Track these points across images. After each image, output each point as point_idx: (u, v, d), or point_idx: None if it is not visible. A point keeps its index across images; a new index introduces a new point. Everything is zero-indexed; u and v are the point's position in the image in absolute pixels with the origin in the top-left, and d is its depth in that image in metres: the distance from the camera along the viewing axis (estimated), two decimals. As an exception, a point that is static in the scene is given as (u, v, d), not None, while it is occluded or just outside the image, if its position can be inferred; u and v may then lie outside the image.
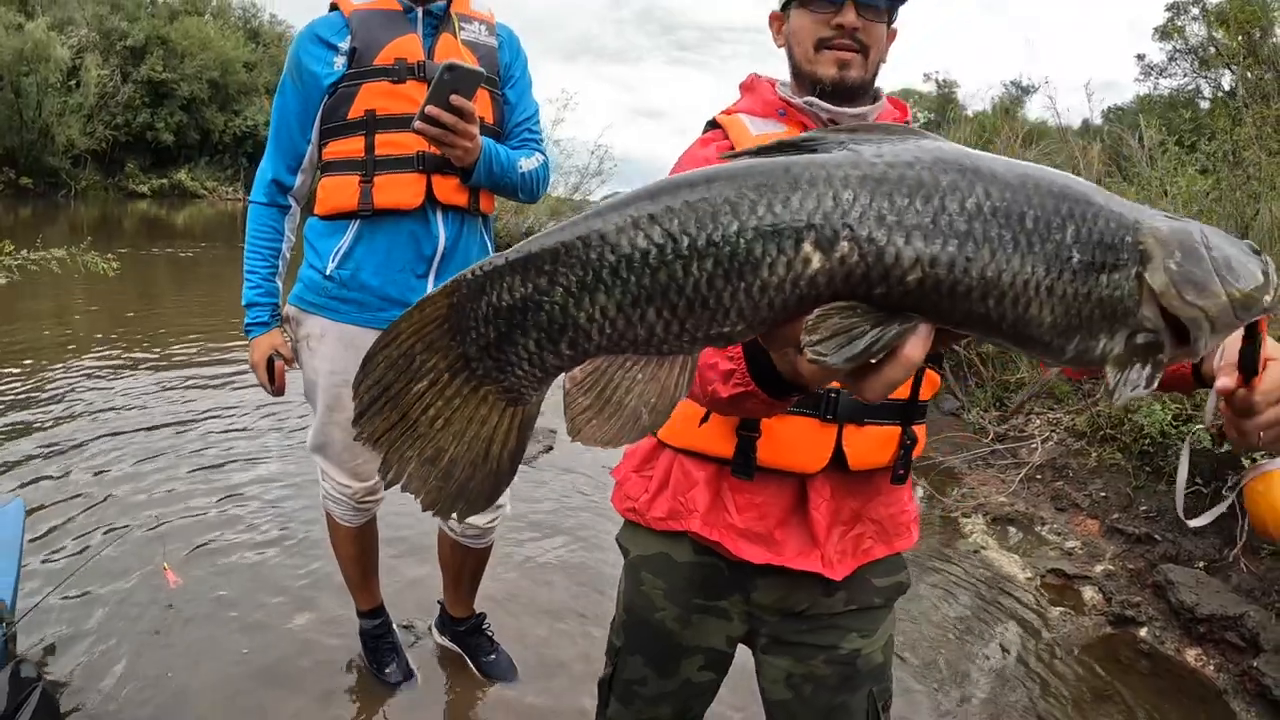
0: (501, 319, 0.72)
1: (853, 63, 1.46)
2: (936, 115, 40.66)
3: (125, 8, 30.81)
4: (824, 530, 1.48)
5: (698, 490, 1.53)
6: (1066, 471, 5.53)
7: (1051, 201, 0.70)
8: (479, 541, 2.67)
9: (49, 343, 7.02)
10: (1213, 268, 0.74)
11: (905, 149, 0.70)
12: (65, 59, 24.16)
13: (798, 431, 1.43)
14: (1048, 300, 0.70)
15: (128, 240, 17.57)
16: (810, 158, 0.70)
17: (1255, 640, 3.56)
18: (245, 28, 36.59)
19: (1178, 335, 0.74)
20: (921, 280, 0.68)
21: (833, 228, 0.67)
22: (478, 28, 2.38)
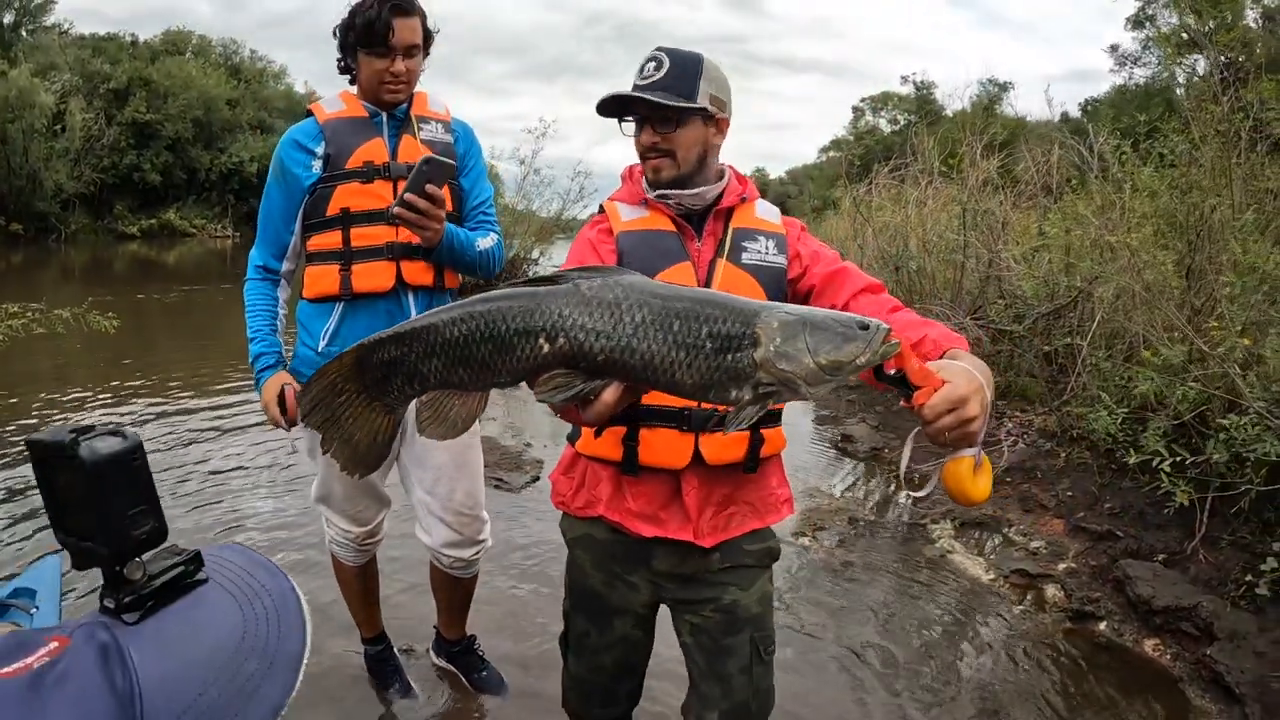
0: (383, 367, 1.24)
1: (662, 167, 1.91)
2: (915, 116, 41.03)
3: (107, 50, 31.04)
4: (695, 510, 1.93)
5: (603, 485, 2.01)
6: (1035, 473, 5.68)
7: (693, 311, 1.20)
8: (465, 572, 2.93)
9: (48, 395, 7.14)
10: (805, 346, 1.20)
11: (607, 283, 1.22)
12: (50, 104, 24.34)
13: (664, 439, 1.89)
14: (688, 371, 1.20)
15: (120, 284, 17.71)
16: (550, 289, 1.21)
17: (1209, 629, 3.70)
18: (226, 64, 36.74)
19: (790, 388, 1.22)
20: (605, 359, 1.20)
21: (555, 330, 1.19)
22: (435, 126, 2.66)
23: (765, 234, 1.96)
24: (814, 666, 3.62)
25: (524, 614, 3.82)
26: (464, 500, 2.78)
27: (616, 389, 1.24)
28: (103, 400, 7.17)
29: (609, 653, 2.13)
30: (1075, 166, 7.48)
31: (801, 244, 1.98)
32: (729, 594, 2.00)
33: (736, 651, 2.00)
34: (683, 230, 1.95)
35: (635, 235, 1.94)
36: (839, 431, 7.42)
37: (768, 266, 1.92)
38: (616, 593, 2.07)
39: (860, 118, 48.90)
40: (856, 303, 1.82)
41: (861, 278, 1.89)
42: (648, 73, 1.87)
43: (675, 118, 1.86)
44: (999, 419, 6.75)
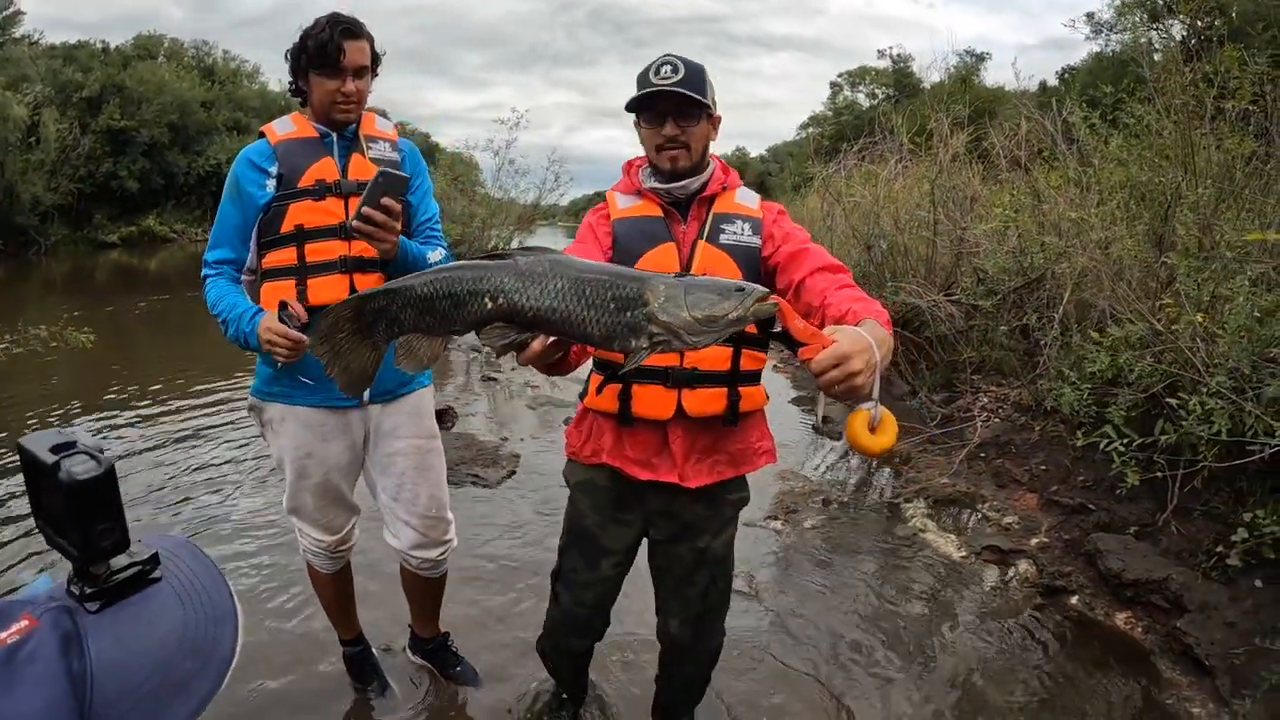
0: (373, 314, 1.62)
1: (680, 157, 2.20)
2: (894, 91, 41.00)
3: (78, 58, 30.73)
4: (681, 457, 2.28)
5: (606, 436, 2.35)
6: (1010, 448, 5.70)
7: (600, 280, 1.52)
8: (433, 572, 3.04)
9: (38, 408, 7.09)
10: (683, 303, 1.50)
11: (539, 259, 1.56)
12: (23, 117, 24.04)
13: (652, 394, 2.22)
14: (595, 325, 1.52)
15: (102, 294, 17.66)
16: (499, 262, 1.56)
17: (1179, 601, 3.73)
18: (199, 67, 36.48)
19: (676, 337, 1.52)
20: (533, 316, 1.53)
21: (497, 292, 1.53)
22: (382, 146, 2.75)
23: (743, 218, 2.26)
24: (787, 650, 3.64)
25: (496, 606, 3.87)
26: (427, 504, 2.87)
27: (543, 340, 1.59)
28: (89, 407, 7.06)
29: (592, 589, 2.53)
30: (1046, 138, 7.44)
31: (776, 226, 2.25)
32: (702, 539, 2.42)
33: (697, 583, 2.48)
34: (670, 215, 2.27)
35: (628, 221, 2.28)
36: (816, 412, 7.43)
37: (743, 246, 2.21)
38: (608, 534, 2.46)
39: (838, 93, 48.73)
40: (812, 279, 2.06)
41: (821, 258, 2.11)
42: (665, 74, 2.15)
43: (697, 113, 2.17)
44: (974, 394, 6.78)
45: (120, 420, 6.87)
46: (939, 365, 7.44)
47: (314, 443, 2.72)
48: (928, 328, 7.38)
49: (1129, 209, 5.72)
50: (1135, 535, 4.26)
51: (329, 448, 2.74)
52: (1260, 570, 3.66)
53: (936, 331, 7.27)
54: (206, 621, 0.98)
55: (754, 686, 3.39)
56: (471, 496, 5.23)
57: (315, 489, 2.80)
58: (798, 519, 5.02)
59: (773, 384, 8.69)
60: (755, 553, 4.57)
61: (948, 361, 7.35)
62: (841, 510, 5.21)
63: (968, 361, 7.05)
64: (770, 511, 5.11)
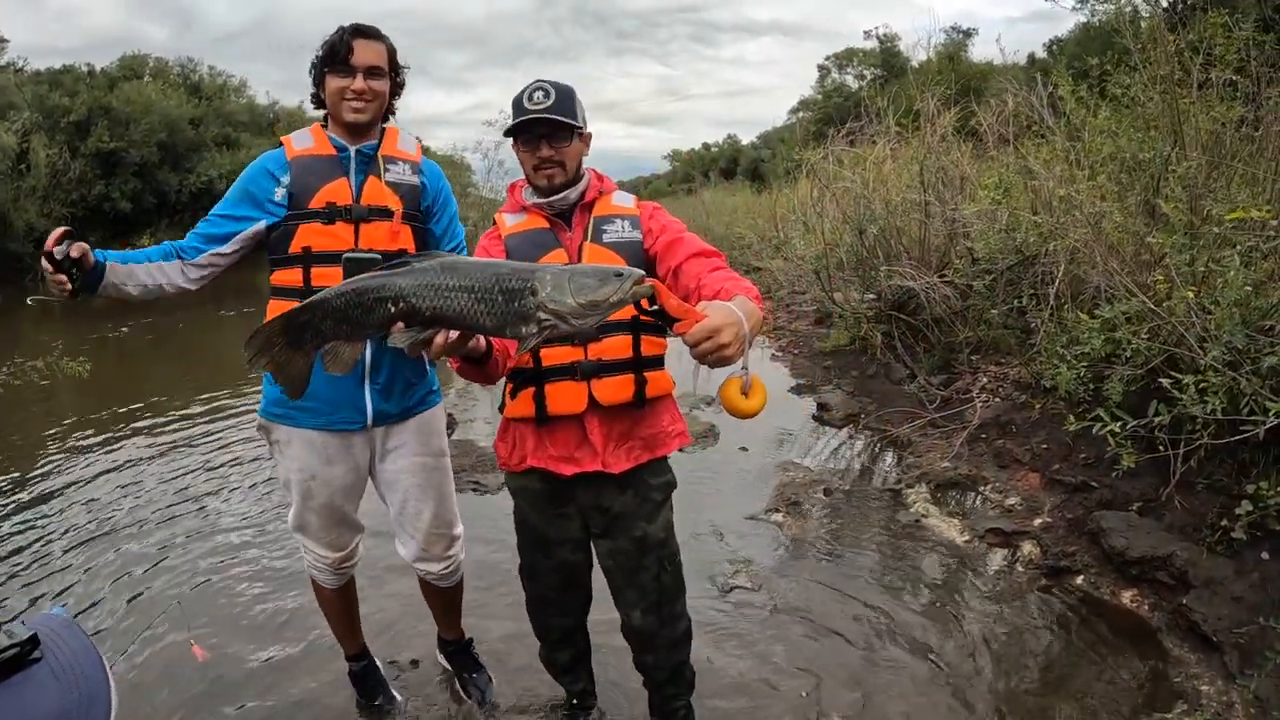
0: (298, 327, 1.82)
1: (555, 175, 2.40)
2: (883, 71, 40.82)
3: (64, 83, 30.62)
4: (601, 445, 2.42)
5: (528, 440, 2.49)
6: (1010, 427, 5.68)
7: (488, 275, 1.72)
8: (444, 582, 3.10)
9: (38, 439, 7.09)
10: (569, 290, 1.68)
11: (431, 264, 1.75)
12: (12, 145, 24.03)
13: (563, 389, 2.37)
14: (487, 316, 1.72)
15: (100, 317, 17.65)
16: (398, 270, 1.75)
17: (1184, 577, 3.70)
18: (185, 84, 36.33)
19: (564, 322, 1.70)
20: (431, 314, 1.73)
21: (398, 296, 1.73)
22: (402, 167, 2.76)
23: (621, 217, 2.45)
24: (793, 643, 3.64)
25: (499, 613, 3.84)
26: (431, 522, 2.92)
27: (445, 334, 1.79)
28: (94, 426, 7.05)
29: (554, 574, 2.69)
30: (1034, 113, 7.39)
31: (653, 221, 2.46)
32: (639, 528, 2.53)
33: (648, 569, 2.58)
34: (555, 226, 2.46)
35: (517, 236, 2.46)
36: (815, 400, 7.42)
37: (625, 241, 2.41)
38: (553, 527, 2.60)
39: (826, 76, 48.49)
40: (688, 264, 2.27)
41: (695, 245, 2.34)
42: (538, 100, 2.33)
43: (568, 135, 2.38)
44: (973, 374, 6.75)
45: (124, 435, 6.91)
46: (936, 347, 7.41)
47: (318, 465, 2.75)
48: (923, 310, 7.35)
49: (1119, 181, 5.68)
50: (1139, 511, 4.23)
51: (332, 470, 2.77)
52: (1267, 543, 3.63)
53: (932, 313, 7.24)
54: (84, 700, 1.01)
55: (760, 680, 3.38)
56: (472, 502, 5.23)
57: (319, 509, 2.83)
58: (800, 510, 5.00)
59: (773, 375, 8.67)
60: (758, 546, 4.56)
61: (945, 343, 7.32)
62: (843, 499, 5.19)
63: (965, 342, 7.02)
64: (771, 504, 5.09)
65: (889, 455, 5.99)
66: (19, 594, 4.23)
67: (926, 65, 24.48)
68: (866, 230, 8.27)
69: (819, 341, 9.51)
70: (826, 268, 9.07)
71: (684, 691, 2.82)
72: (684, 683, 2.81)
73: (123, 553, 4.69)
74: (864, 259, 8.43)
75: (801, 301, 11.46)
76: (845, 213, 8.79)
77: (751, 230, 14.84)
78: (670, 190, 49.35)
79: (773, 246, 12.69)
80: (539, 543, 2.66)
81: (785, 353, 9.74)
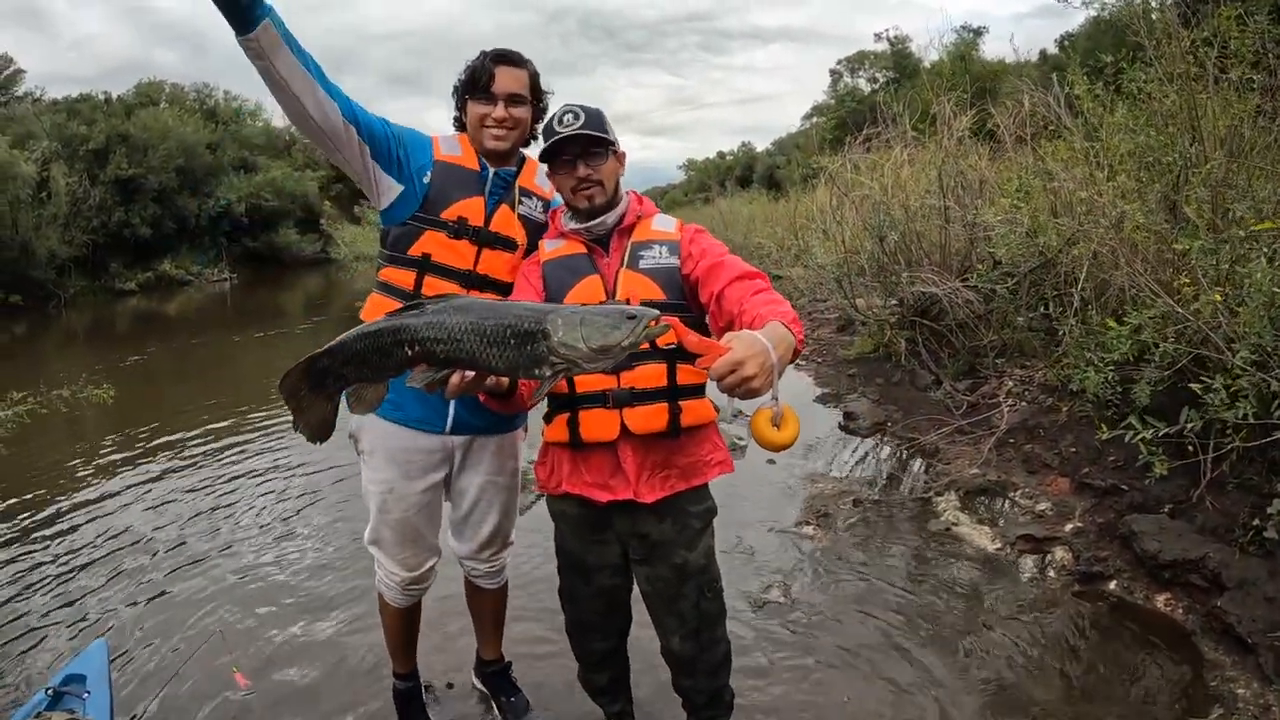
0: (320, 373, 1.88)
1: (595, 195, 2.39)
2: (895, 73, 40.76)
3: (82, 112, 30.97)
4: (634, 474, 2.39)
5: (564, 466, 2.49)
6: (1038, 431, 5.66)
7: (499, 318, 1.76)
8: (488, 582, 3.17)
9: (68, 468, 7.16)
10: (580, 335, 1.70)
11: (444, 306, 1.81)
12: (32, 173, 24.24)
13: (596, 416, 2.37)
14: (499, 359, 1.76)
15: (124, 343, 17.81)
16: (413, 314, 1.82)
17: (1218, 579, 3.68)
18: (201, 109, 36.74)
19: (576, 365, 1.74)
20: (444, 356, 1.79)
21: (412, 340, 1.79)
22: (534, 204, 2.76)
23: (659, 242, 2.42)
24: (825, 655, 3.65)
25: (540, 635, 3.86)
26: (490, 534, 3.01)
27: (461, 375, 1.86)
28: (123, 449, 7.15)
29: (595, 600, 2.66)
30: (1050, 113, 7.36)
31: (693, 245, 2.41)
32: (678, 555, 2.49)
33: (687, 596, 2.54)
34: (593, 251, 2.45)
35: (554, 262, 2.47)
36: (841, 409, 7.41)
37: (661, 268, 2.38)
38: (592, 553, 2.58)
39: (839, 80, 48.44)
40: (730, 289, 2.22)
41: (736, 268, 2.27)
42: (568, 123, 2.33)
43: (603, 152, 2.37)
44: (999, 378, 6.73)
45: (152, 458, 6.99)
46: (961, 352, 7.39)
47: (397, 480, 2.79)
48: (946, 315, 7.33)
49: (1139, 179, 5.65)
50: (1170, 514, 4.21)
51: (411, 485, 2.79)
52: (1300, 542, 3.61)
53: (956, 318, 7.22)
54: None
55: (795, 695, 3.40)
56: None
57: (395, 524, 2.85)
58: (829, 522, 5.00)
59: (797, 385, 8.67)
60: (789, 559, 4.57)
61: (969, 347, 7.30)
62: (873, 509, 5.19)
63: (989, 346, 6.99)
64: (802, 516, 5.10)
65: (917, 463, 5.98)
66: (64, 618, 4.30)
67: (939, 66, 24.44)
68: (887, 236, 8.26)
69: (842, 349, 9.51)
70: (848, 275, 9.07)
71: (722, 714, 2.80)
72: (722, 705, 2.78)
73: (160, 576, 4.74)
74: (885, 265, 8.42)
75: (824, 309, 11.46)
76: (865, 219, 8.79)
77: (770, 239, 14.86)
78: (687, 200, 49.27)
79: (792, 255, 12.68)
80: (578, 568, 2.64)
81: (809, 361, 9.73)
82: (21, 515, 5.86)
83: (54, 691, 2.91)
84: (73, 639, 4.06)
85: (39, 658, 3.88)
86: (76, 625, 4.23)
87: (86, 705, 2.89)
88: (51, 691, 2.92)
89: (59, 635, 4.15)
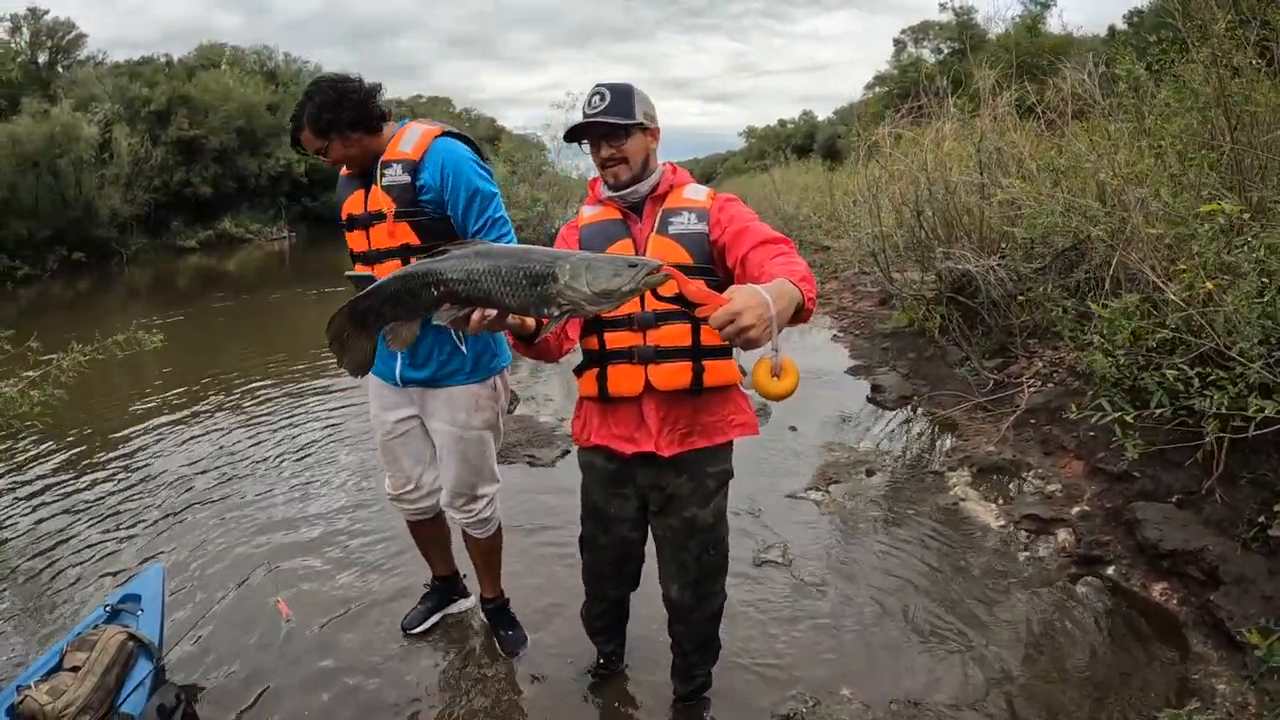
0: (363, 312, 2.08)
1: (620, 171, 2.54)
2: (959, 44, 39.93)
3: (143, 74, 31.57)
4: (655, 428, 2.57)
5: (594, 417, 2.70)
6: (1060, 413, 5.61)
7: (513, 261, 1.89)
8: (476, 531, 3.47)
9: (127, 412, 7.58)
10: (585, 280, 1.82)
11: (465, 251, 1.95)
12: (95, 135, 24.78)
13: (622, 372, 2.54)
14: (512, 298, 1.90)
15: (184, 297, 18.25)
16: (439, 257, 1.96)
17: (1214, 573, 3.65)
18: (262, 71, 37.25)
19: (580, 307, 1.86)
20: (465, 295, 1.94)
21: (438, 281, 1.94)
22: (395, 169, 3.00)
23: (689, 210, 2.54)
24: (819, 622, 3.73)
25: (548, 584, 4.14)
26: (453, 481, 3.30)
27: (482, 313, 1.97)
28: (182, 402, 7.53)
29: (612, 549, 2.89)
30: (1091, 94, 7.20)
31: (722, 212, 2.51)
32: (689, 510, 2.68)
33: (691, 550, 2.74)
34: (628, 217, 2.60)
35: (592, 227, 2.63)
36: (870, 381, 7.43)
37: (690, 233, 2.50)
38: (613, 505, 2.79)
39: (902, 50, 47.67)
40: (753, 253, 2.31)
41: (760, 234, 2.37)
42: (595, 104, 2.48)
43: (623, 133, 2.49)
44: (1029, 358, 6.67)
45: (212, 405, 7.33)
46: (993, 330, 7.33)
47: (378, 411, 3.34)
48: (980, 293, 7.27)
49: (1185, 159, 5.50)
50: (1178, 504, 4.18)
51: (386, 416, 3.31)
52: (1304, 541, 3.56)
53: (990, 296, 7.16)
54: None
55: (780, 653, 3.50)
56: (527, 475, 5.55)
57: (381, 446, 3.41)
58: (838, 489, 5.06)
59: (829, 355, 8.69)
60: (794, 523, 4.66)
61: (1002, 326, 7.24)
62: (884, 480, 5.23)
63: (1022, 326, 6.93)
64: (811, 483, 5.17)
65: (935, 438, 5.98)
66: (142, 540, 4.78)
67: (1003, 38, 23.93)
68: (924, 212, 8.20)
69: (880, 323, 9.48)
70: (884, 249, 9.02)
71: (708, 660, 3.04)
72: (710, 654, 3.02)
73: (216, 516, 5.10)
74: (922, 240, 8.36)
75: (867, 282, 11.40)
76: (903, 194, 8.72)
77: (819, 210, 14.77)
78: (746, 167, 48.92)
79: (837, 226, 12.61)
80: (600, 517, 2.85)
81: (846, 333, 9.72)
82: (85, 457, 6.32)
83: (111, 608, 3.33)
84: (135, 563, 4.45)
85: (104, 581, 4.30)
86: (140, 551, 4.63)
87: (140, 621, 3.27)
88: (109, 608, 3.33)
89: (121, 559, 4.56)
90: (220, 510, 5.15)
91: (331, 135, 2.98)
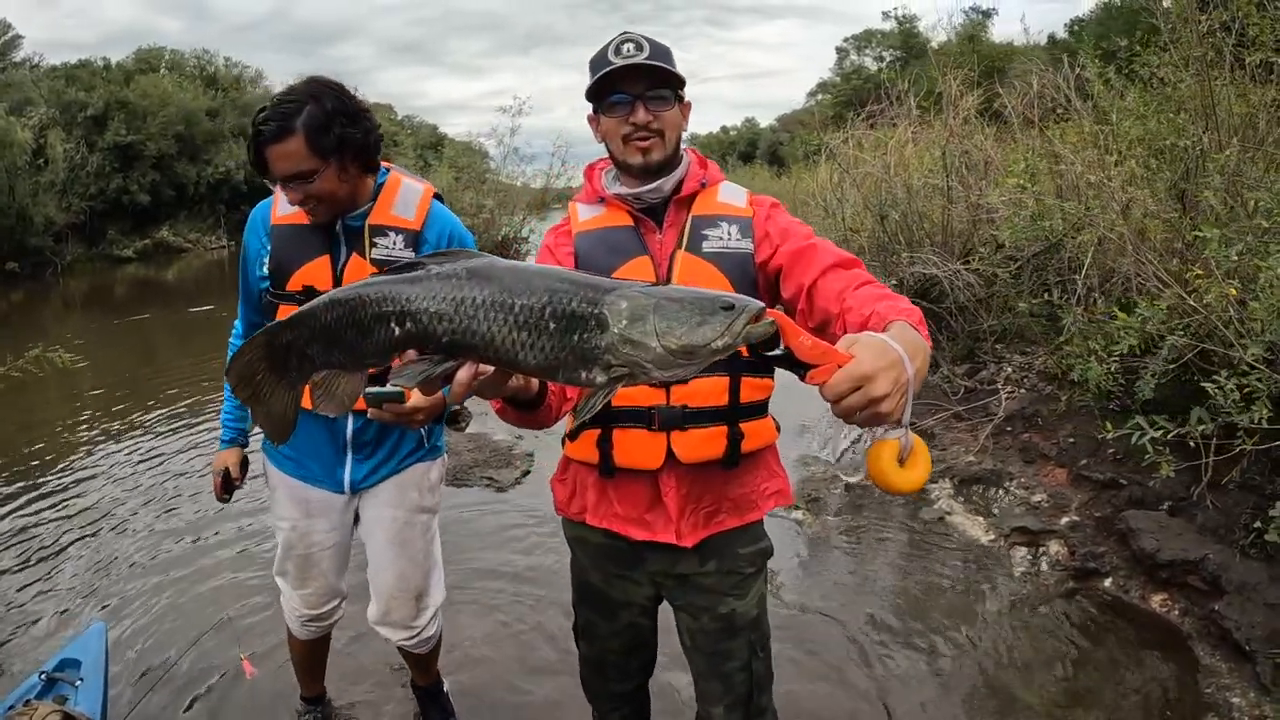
0: (282, 349, 1.35)
1: (653, 148, 1.86)
2: (902, 53, 40.42)
3: (80, 78, 30.72)
4: (676, 511, 1.90)
5: (589, 491, 2.01)
6: (1036, 420, 5.53)
7: (534, 291, 1.19)
8: (413, 648, 2.79)
9: (52, 435, 7.09)
10: (652, 329, 1.15)
11: (454, 267, 1.23)
12: (29, 140, 24.06)
13: (635, 440, 1.87)
14: (531, 351, 1.19)
15: (122, 308, 17.77)
16: (406, 275, 1.25)
17: (1217, 582, 3.57)
18: (201, 76, 36.51)
19: (640, 372, 1.19)
20: (449, 341, 1.22)
21: (404, 314, 1.22)
22: (393, 239, 2.35)
23: (728, 219, 1.90)
24: (812, 644, 3.55)
25: (511, 622, 3.78)
26: (395, 583, 2.62)
27: (470, 368, 1.26)
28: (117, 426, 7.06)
29: (617, 638, 2.18)
30: (1059, 95, 7.19)
31: (770, 224, 1.90)
32: (725, 604, 2.01)
33: (735, 654, 2.04)
34: (642, 224, 1.93)
35: (591, 234, 1.94)
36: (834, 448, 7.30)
37: (731, 253, 1.87)
38: (616, 589, 2.10)
39: (845, 58, 48.17)
40: (824, 280, 1.70)
41: (830, 254, 1.75)
42: (629, 52, 1.82)
43: (669, 95, 1.87)
44: (998, 363, 6.60)
45: (145, 426, 6.90)
46: (960, 336, 7.26)
47: (299, 518, 2.57)
48: (946, 297, 7.19)
49: (1148, 165, 5.50)
50: (1169, 511, 4.09)
51: (313, 524, 2.57)
52: (1304, 545, 3.49)
53: (956, 301, 7.08)
54: None
55: (779, 683, 3.29)
56: (485, 497, 5.24)
57: (299, 561, 2.63)
58: (819, 506, 4.92)
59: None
60: (778, 545, 4.40)
61: (969, 331, 7.16)
62: (864, 494, 5.09)
63: (990, 330, 6.86)
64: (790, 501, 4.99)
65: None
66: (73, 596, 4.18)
67: (946, 46, 24.24)
68: (888, 216, 8.12)
69: (843, 330, 9.38)
70: (847, 253, 8.93)
71: None
72: None
73: (160, 557, 4.60)
74: (885, 245, 8.28)
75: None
76: (866, 198, 8.64)
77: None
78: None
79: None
80: (600, 603, 2.16)
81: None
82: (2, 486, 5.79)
83: (47, 677, 2.80)
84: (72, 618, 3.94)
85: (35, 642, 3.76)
86: (77, 602, 4.12)
87: (79, 694, 2.75)
88: (44, 676, 2.80)
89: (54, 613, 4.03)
90: (165, 547, 4.69)
91: (331, 158, 2.17)
